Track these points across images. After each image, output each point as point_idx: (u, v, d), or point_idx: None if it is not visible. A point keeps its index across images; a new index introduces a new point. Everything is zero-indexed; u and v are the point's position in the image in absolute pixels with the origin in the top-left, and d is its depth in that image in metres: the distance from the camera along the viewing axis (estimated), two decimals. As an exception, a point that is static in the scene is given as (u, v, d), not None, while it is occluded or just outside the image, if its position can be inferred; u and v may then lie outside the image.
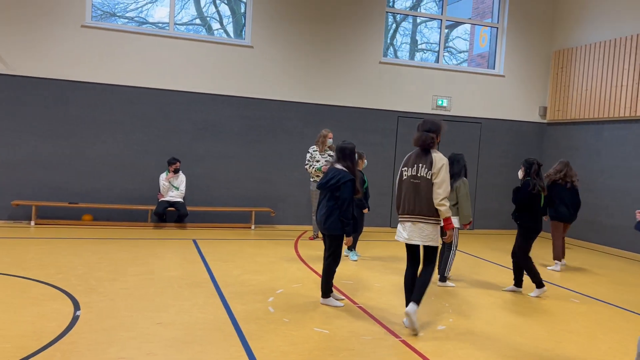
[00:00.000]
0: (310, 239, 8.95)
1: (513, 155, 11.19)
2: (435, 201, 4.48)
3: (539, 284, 6.04)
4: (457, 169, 6.09)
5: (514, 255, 6.20)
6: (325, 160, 8.48)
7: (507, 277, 6.69)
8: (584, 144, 10.24)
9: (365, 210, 7.35)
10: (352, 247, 7.45)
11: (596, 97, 10.11)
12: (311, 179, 8.75)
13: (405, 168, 4.69)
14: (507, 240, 10.07)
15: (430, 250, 4.67)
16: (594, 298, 6.21)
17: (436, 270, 5.70)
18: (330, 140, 8.59)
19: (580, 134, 10.52)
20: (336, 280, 5.74)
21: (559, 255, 7.63)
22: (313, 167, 8.56)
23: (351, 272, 6.69)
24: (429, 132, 4.61)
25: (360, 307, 5.21)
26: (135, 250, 7.24)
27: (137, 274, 5.99)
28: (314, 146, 8.64)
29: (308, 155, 8.65)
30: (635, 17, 9.46)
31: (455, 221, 6.07)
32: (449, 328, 4.78)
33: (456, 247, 6.38)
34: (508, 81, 11.25)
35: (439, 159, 4.56)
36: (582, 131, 10.48)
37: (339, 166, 5.21)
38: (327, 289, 5.26)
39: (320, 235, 8.57)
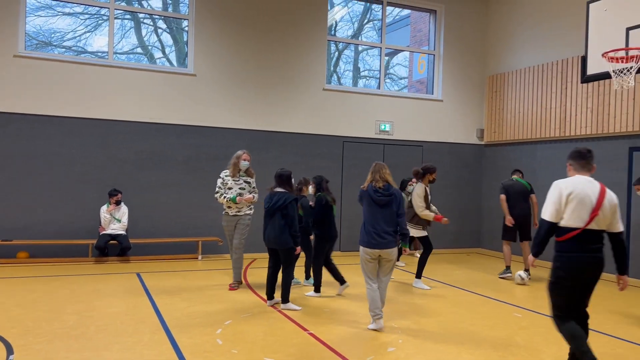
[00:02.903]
0: (232, 289, 6.98)
1: (455, 177, 11.60)
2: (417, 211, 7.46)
3: (317, 288, 6.80)
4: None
5: (326, 261, 6.90)
6: (240, 188, 7.03)
7: (449, 293, 6.80)
8: (520, 163, 10.71)
9: (312, 237, 7.10)
10: (308, 276, 7.53)
11: (528, 119, 10.67)
12: (223, 212, 7.19)
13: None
14: (449, 260, 10.33)
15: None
16: (534, 311, 6.43)
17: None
18: (246, 162, 7.04)
19: (515, 154, 11.04)
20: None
21: None
22: (225, 197, 6.98)
23: (299, 297, 6.65)
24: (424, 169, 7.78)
25: (311, 334, 5.18)
26: (75, 287, 6.92)
27: (77, 312, 5.72)
28: (226, 170, 7.14)
29: (219, 181, 7.11)
30: (558, 44, 10.12)
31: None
32: (399, 349, 4.82)
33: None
34: (446, 105, 11.70)
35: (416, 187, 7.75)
36: (517, 151, 11.00)
37: (279, 190, 6.06)
38: (287, 296, 6.04)
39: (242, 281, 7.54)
